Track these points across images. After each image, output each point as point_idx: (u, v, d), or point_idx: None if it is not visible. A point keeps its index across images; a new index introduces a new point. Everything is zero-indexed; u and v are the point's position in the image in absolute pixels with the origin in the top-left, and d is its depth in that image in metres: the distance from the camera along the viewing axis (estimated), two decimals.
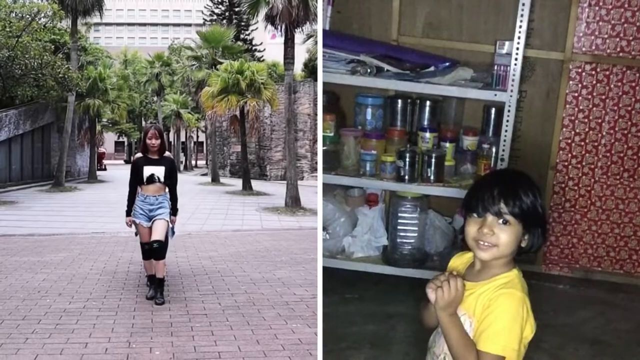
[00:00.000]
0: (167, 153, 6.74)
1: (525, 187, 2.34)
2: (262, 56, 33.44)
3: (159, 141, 6.50)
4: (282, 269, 8.01)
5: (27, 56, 16.54)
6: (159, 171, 6.49)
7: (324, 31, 6.20)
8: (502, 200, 2.30)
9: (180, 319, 5.78)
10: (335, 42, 5.91)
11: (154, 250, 6.41)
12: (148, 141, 6.49)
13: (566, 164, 6.40)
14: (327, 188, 6.25)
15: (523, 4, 5.44)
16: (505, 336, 2.26)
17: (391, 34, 6.36)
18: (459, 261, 2.56)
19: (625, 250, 6.46)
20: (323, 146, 6.07)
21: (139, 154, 6.70)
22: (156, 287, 6.43)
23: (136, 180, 6.55)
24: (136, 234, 6.75)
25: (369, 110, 6.27)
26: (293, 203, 16.24)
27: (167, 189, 6.63)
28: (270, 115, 26.10)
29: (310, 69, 29.67)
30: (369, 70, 5.70)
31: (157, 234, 6.36)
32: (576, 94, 6.25)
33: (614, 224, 6.44)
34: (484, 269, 2.40)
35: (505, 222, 2.30)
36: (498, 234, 2.30)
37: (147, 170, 6.46)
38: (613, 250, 6.48)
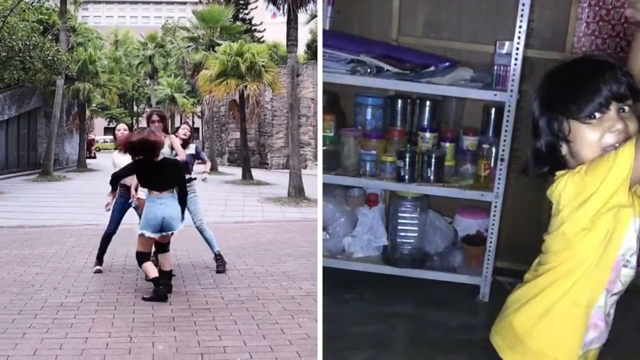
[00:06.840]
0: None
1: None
2: (262, 37, 31.72)
3: None
4: (286, 262, 7.92)
5: (14, 37, 15.68)
6: None
7: (324, 31, 6.18)
8: (618, 81, 2.08)
9: (182, 313, 5.69)
10: (335, 42, 5.90)
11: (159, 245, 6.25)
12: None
13: None
14: (327, 188, 6.25)
15: (523, 4, 5.43)
16: None
17: (391, 34, 6.35)
18: None
19: None
20: (323, 146, 6.08)
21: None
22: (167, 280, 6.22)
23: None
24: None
25: (369, 110, 6.27)
26: (296, 193, 15.57)
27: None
28: (271, 100, 24.67)
29: (313, 50, 28.11)
30: (369, 70, 5.69)
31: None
32: None
33: None
34: None
35: (626, 109, 2.10)
36: (628, 125, 2.07)
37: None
38: None
